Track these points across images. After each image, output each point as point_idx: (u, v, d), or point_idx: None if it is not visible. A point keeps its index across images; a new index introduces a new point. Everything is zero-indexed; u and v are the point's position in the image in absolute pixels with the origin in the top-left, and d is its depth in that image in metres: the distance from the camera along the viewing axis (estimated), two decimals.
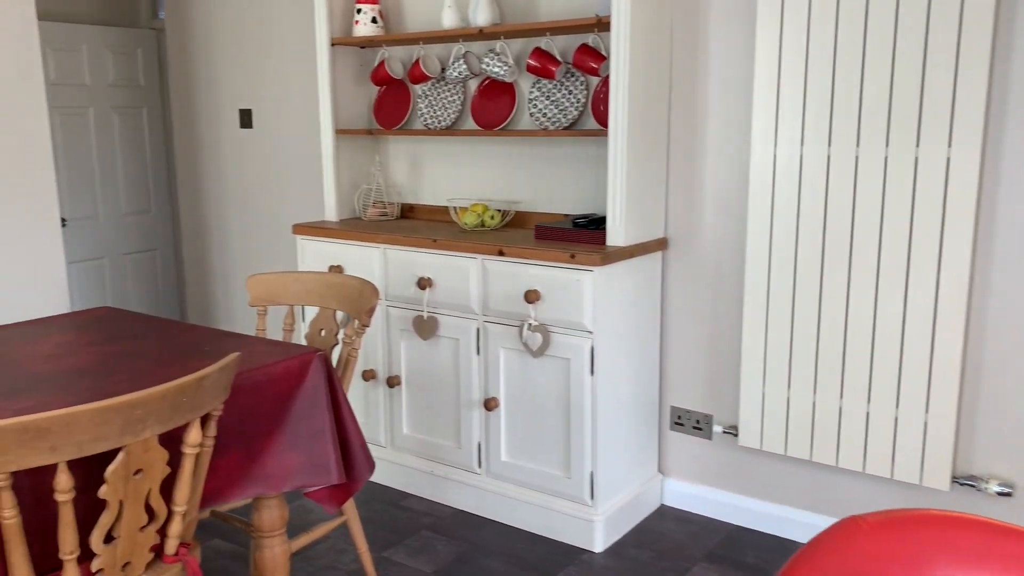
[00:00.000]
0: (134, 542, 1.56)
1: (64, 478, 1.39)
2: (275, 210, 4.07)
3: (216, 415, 1.66)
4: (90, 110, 4.37)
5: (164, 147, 4.74)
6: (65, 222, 4.30)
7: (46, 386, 1.71)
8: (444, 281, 2.88)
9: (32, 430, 1.33)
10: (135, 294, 4.68)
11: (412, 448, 3.10)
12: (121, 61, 4.48)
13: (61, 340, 2.06)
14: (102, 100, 4.41)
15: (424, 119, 3.31)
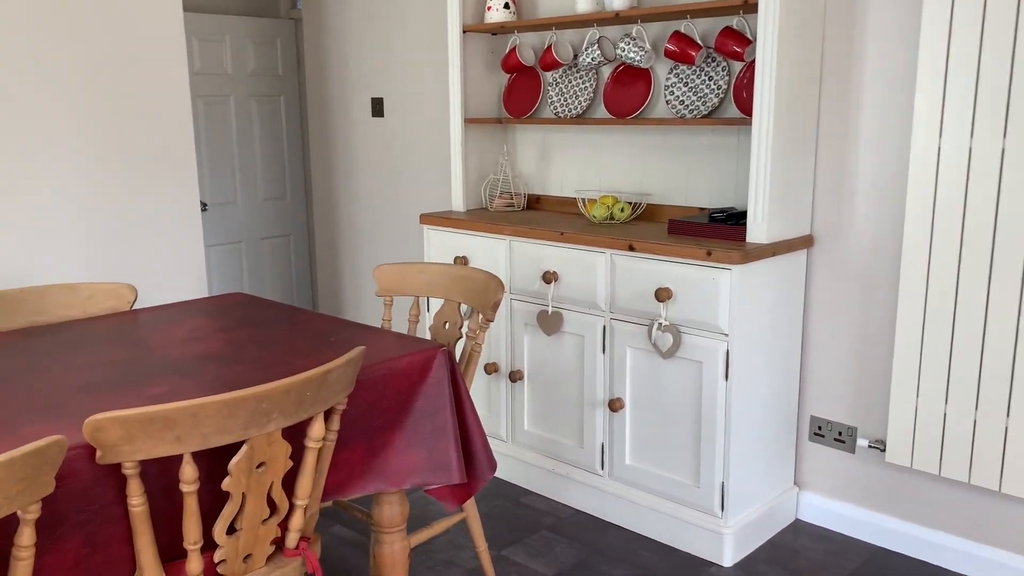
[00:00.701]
0: (255, 535, 1.55)
1: (189, 469, 1.39)
2: (403, 199, 4.08)
3: (340, 409, 1.63)
4: (231, 98, 4.51)
5: (300, 135, 4.85)
6: (206, 207, 4.46)
7: (177, 372, 1.72)
8: (570, 275, 2.78)
9: (159, 420, 1.33)
10: (270, 277, 4.82)
11: (533, 445, 3.03)
12: (261, 51, 4.60)
13: (195, 325, 2.09)
14: (242, 89, 4.55)
15: (554, 107, 3.22)
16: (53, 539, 1.33)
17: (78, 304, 2.26)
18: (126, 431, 1.32)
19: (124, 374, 1.71)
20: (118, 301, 2.29)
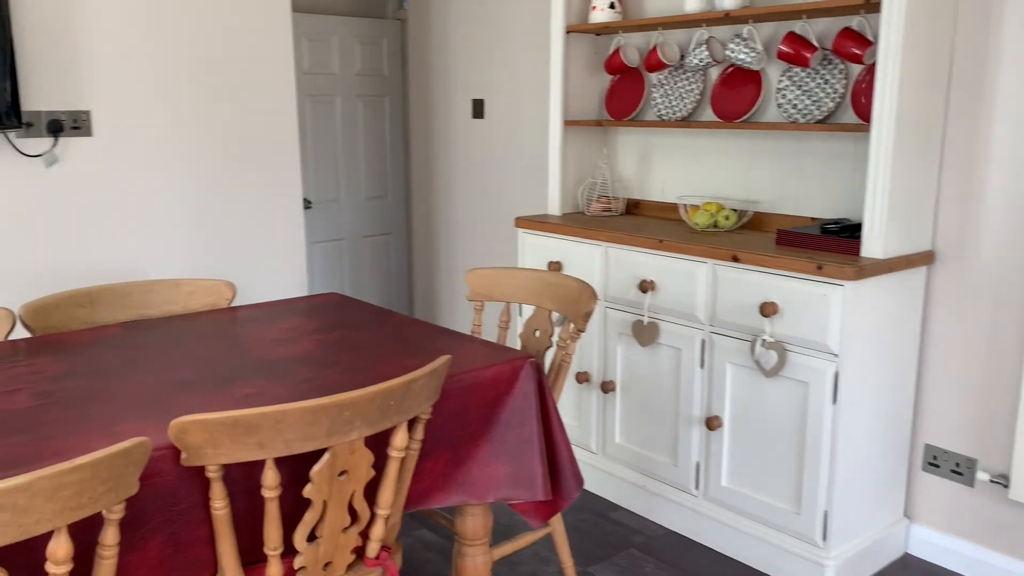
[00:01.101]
0: (336, 543, 1.53)
1: (271, 475, 1.38)
2: (500, 202, 4.05)
3: (424, 419, 1.60)
4: (337, 98, 4.58)
5: (402, 135, 4.89)
6: (310, 204, 4.55)
7: (266, 373, 1.72)
8: (669, 285, 2.68)
9: (243, 425, 1.32)
10: (370, 274, 4.88)
11: (624, 459, 2.94)
12: (368, 51, 4.66)
13: (288, 325, 2.10)
14: (349, 89, 4.62)
15: (658, 109, 3.11)
16: (138, 537, 1.35)
17: (180, 299, 2.32)
18: (210, 434, 1.31)
19: (216, 373, 1.73)
20: (217, 298, 2.34)
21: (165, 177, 3.05)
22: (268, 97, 3.26)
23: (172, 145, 3.05)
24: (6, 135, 2.71)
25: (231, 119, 3.18)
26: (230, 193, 3.21)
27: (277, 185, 3.34)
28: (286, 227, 3.38)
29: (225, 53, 3.13)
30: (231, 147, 3.19)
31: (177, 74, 3.02)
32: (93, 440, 1.38)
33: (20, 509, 1.07)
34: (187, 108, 3.07)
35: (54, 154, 2.80)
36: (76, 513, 1.14)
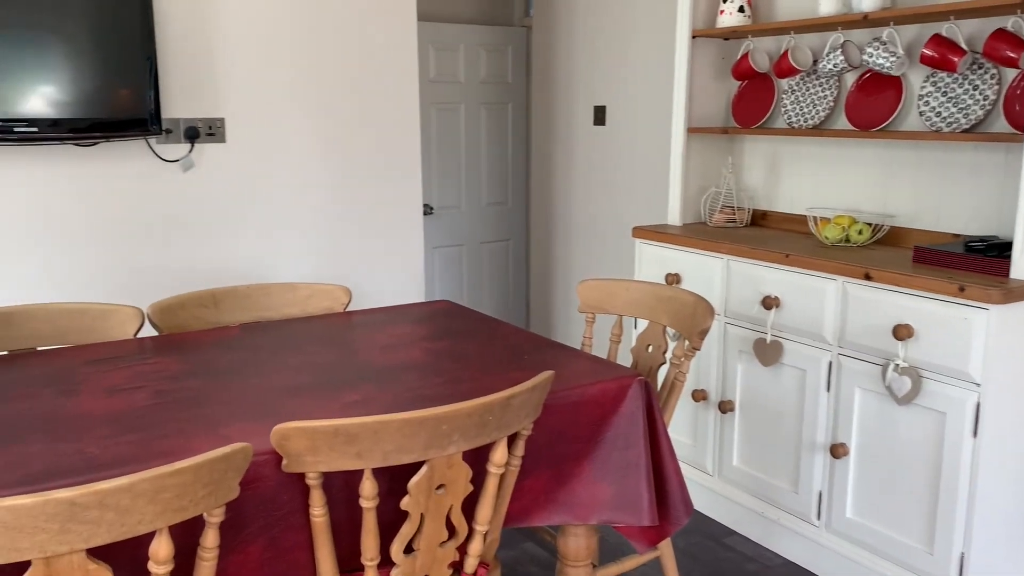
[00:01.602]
0: (433, 556, 1.51)
1: (369, 485, 1.37)
2: (618, 210, 3.98)
3: (525, 435, 1.56)
4: (461, 106, 4.62)
5: (524, 142, 4.89)
6: (432, 210, 4.61)
7: (373, 380, 1.73)
8: (794, 302, 2.54)
9: (343, 434, 1.32)
10: (488, 280, 4.90)
11: (741, 483, 2.81)
12: (493, 59, 4.68)
13: (398, 332, 2.11)
14: (473, 96, 4.65)
15: (788, 117, 2.96)
16: (239, 540, 1.37)
17: (298, 303, 2.37)
18: (311, 442, 1.32)
19: (326, 378, 1.75)
20: (333, 302, 2.38)
21: (290, 183, 3.15)
22: (393, 105, 3.32)
23: (298, 152, 3.14)
24: (148, 141, 2.86)
25: (356, 127, 3.25)
26: (352, 199, 3.29)
27: (398, 191, 3.39)
28: (405, 233, 3.43)
29: (352, 62, 3.20)
30: (354, 154, 3.26)
31: (306, 84, 3.12)
32: (198, 442, 1.42)
33: (123, 509, 1.10)
34: (313, 116, 3.15)
35: (190, 159, 2.94)
36: (177, 515, 1.16)
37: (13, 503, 1.03)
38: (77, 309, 2.09)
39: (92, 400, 1.61)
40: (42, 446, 1.39)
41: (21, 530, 1.05)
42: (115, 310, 2.11)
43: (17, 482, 1.26)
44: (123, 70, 2.66)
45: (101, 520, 1.09)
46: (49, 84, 2.55)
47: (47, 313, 2.07)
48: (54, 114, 2.57)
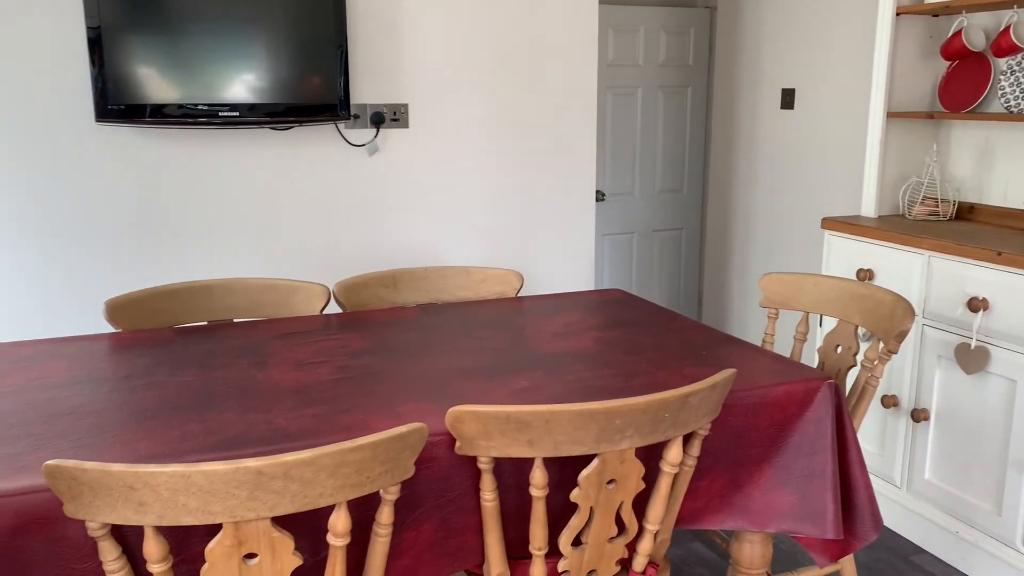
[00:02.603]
0: (601, 551, 1.47)
1: (539, 474, 1.35)
2: (805, 200, 3.76)
3: (702, 435, 1.49)
4: (639, 90, 4.53)
5: (703, 127, 4.73)
6: (604, 196, 4.56)
7: (543, 367, 1.71)
8: (1005, 305, 2.29)
9: (514, 421, 1.30)
10: (658, 270, 4.79)
11: (933, 498, 2.58)
12: (673, 41, 4.55)
13: (570, 319, 2.08)
14: (651, 80, 4.54)
15: (1006, 100, 2.68)
16: (412, 518, 1.39)
17: (472, 287, 2.40)
18: (483, 426, 1.31)
19: (498, 362, 1.75)
20: (505, 287, 2.39)
21: (468, 167, 3.19)
22: (570, 90, 3.29)
23: (476, 138, 3.18)
24: (337, 126, 2.98)
25: (532, 112, 3.24)
26: (526, 184, 3.29)
27: (572, 177, 3.36)
28: (578, 219, 3.40)
29: (532, 48, 3.19)
30: (531, 139, 3.26)
31: (486, 69, 3.14)
32: (376, 419, 1.45)
33: (306, 481, 1.14)
34: (493, 101, 3.18)
35: (375, 144, 3.04)
36: (356, 490, 1.19)
37: (209, 468, 1.09)
38: (269, 285, 2.21)
39: (281, 373, 1.69)
40: (235, 414, 1.47)
41: (214, 494, 1.11)
42: (304, 287, 2.21)
43: (212, 447, 1.34)
44: (316, 58, 2.78)
45: (285, 490, 1.13)
46: (249, 72, 2.71)
47: (244, 287, 2.20)
48: (253, 99, 2.73)
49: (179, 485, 1.09)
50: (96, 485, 1.10)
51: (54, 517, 1.19)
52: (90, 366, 1.72)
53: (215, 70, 2.67)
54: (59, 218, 2.72)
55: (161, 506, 1.11)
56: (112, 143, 2.74)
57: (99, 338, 1.92)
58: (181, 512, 1.11)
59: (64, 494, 1.12)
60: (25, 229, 2.69)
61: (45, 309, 2.76)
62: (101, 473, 1.09)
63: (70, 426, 1.41)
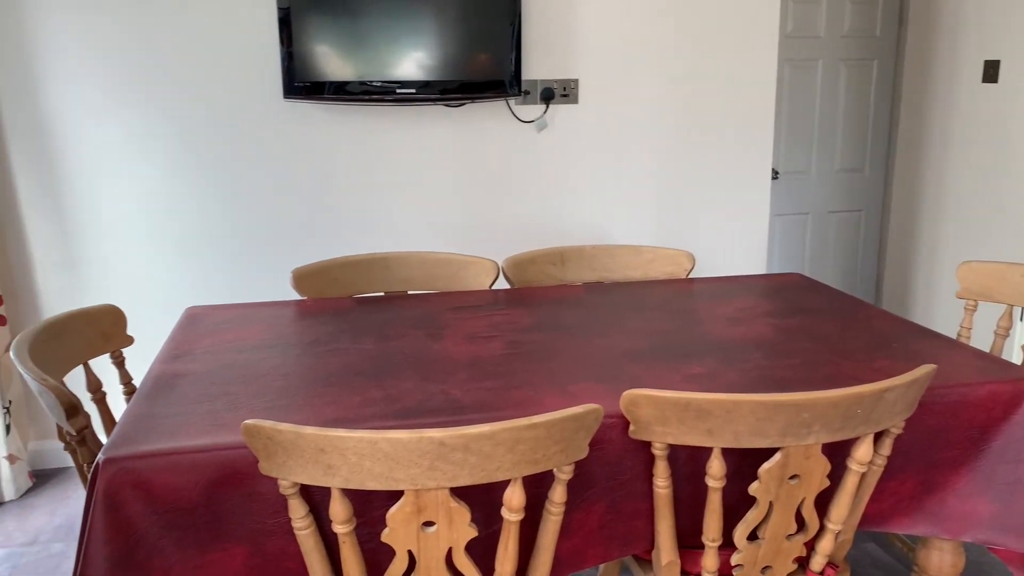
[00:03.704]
0: (778, 548, 1.41)
1: (717, 464, 1.30)
2: (1008, 183, 3.43)
3: (894, 433, 1.39)
4: (819, 62, 4.28)
5: (889, 102, 4.41)
6: (777, 175, 4.36)
7: (718, 354, 1.65)
8: None
9: (694, 409, 1.26)
10: (833, 255, 4.54)
11: None
12: (859, 11, 4.26)
13: (745, 304, 2.00)
14: (832, 52, 4.28)
15: None
16: (583, 499, 1.38)
17: (640, 266, 2.35)
18: (660, 412, 1.28)
19: (669, 346, 1.70)
20: (676, 268, 2.32)
21: (638, 144, 3.13)
22: (749, 63, 3.15)
23: (646, 113, 3.11)
24: (507, 102, 3.00)
25: (707, 87, 3.13)
26: (698, 161, 3.19)
27: (747, 155, 3.23)
28: (751, 199, 3.27)
29: (708, 22, 3.08)
30: (705, 115, 3.15)
31: (660, 43, 3.06)
32: (548, 396, 1.44)
33: (484, 455, 1.15)
34: (664, 77, 3.09)
35: (544, 120, 3.04)
36: (531, 467, 1.19)
37: (394, 436, 1.12)
38: (443, 259, 2.26)
39: (454, 345, 1.72)
40: (413, 384, 1.51)
41: (398, 461, 1.14)
42: (475, 262, 2.24)
43: (393, 415, 1.38)
44: (489, 35, 2.80)
45: (464, 462, 1.15)
46: (424, 50, 2.76)
47: (419, 261, 2.26)
48: (428, 77, 2.78)
49: (366, 451, 1.13)
50: (289, 446, 1.15)
51: (249, 473, 1.27)
52: (279, 331, 1.81)
53: (392, 48, 2.75)
54: (249, 189, 2.89)
55: (348, 470, 1.15)
56: (297, 119, 2.88)
57: (286, 304, 2.03)
58: (366, 477, 1.15)
59: (260, 452, 1.18)
60: (218, 200, 2.88)
61: (237, 275, 2.95)
62: (294, 435, 1.14)
63: (263, 387, 1.49)
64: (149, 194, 2.84)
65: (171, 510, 1.25)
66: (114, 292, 2.90)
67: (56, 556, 2.43)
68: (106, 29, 2.70)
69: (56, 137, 2.75)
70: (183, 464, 1.25)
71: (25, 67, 2.69)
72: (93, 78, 2.73)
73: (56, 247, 2.83)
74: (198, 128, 2.82)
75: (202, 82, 2.80)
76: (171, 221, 2.88)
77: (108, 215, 2.83)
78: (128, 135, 2.79)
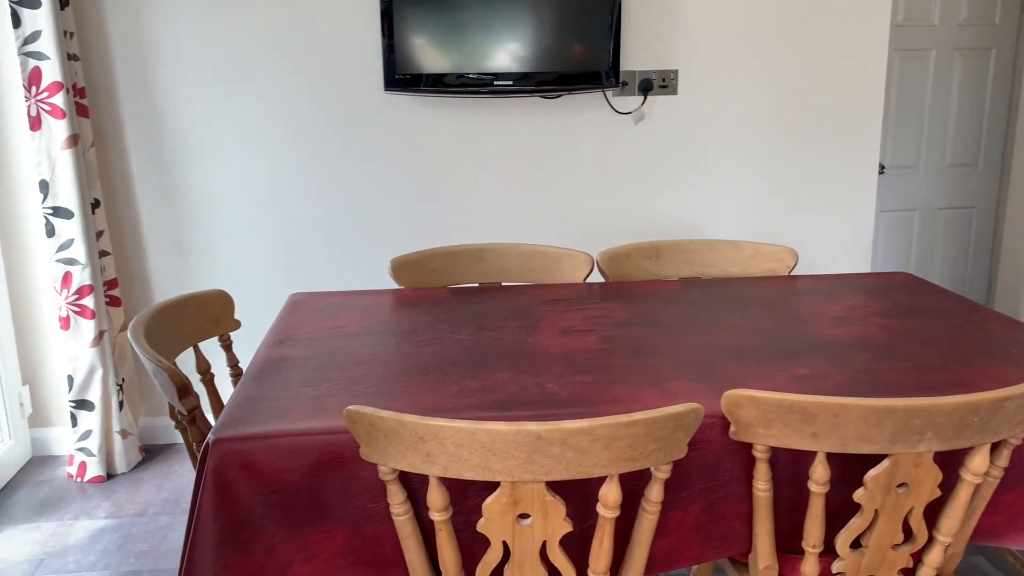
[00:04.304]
0: (882, 558, 1.36)
1: (821, 469, 1.26)
2: None
3: (1012, 444, 1.32)
4: (932, 52, 4.09)
5: (1008, 94, 4.18)
6: (883, 169, 4.19)
7: (823, 354, 1.60)
8: None
9: (798, 411, 1.22)
10: (941, 254, 4.34)
11: None
12: None
13: (851, 303, 1.93)
14: (946, 41, 4.08)
15: None
16: (680, 498, 1.36)
17: (740, 262, 2.30)
18: (762, 413, 1.25)
19: (771, 345, 1.66)
20: (777, 264, 2.26)
21: (737, 137, 3.06)
22: (857, 53, 3.03)
23: (747, 105, 3.03)
24: (604, 93, 2.97)
25: (813, 78, 3.03)
26: (801, 155, 3.09)
27: (852, 149, 3.11)
28: (856, 195, 3.15)
29: (816, 9, 2.98)
30: (809, 106, 3.06)
31: (764, 32, 2.98)
32: (645, 393, 1.43)
33: (581, 450, 1.14)
34: (770, 66, 3.01)
35: (641, 111, 3.00)
36: (628, 464, 1.18)
37: (492, 427, 1.12)
38: (538, 251, 2.26)
39: (549, 338, 1.72)
40: (508, 375, 1.52)
41: (495, 453, 1.14)
42: (569, 254, 2.24)
43: (489, 406, 1.38)
44: (587, 26, 2.78)
45: (561, 457, 1.15)
46: (521, 42, 2.76)
47: (514, 252, 2.26)
48: (525, 68, 2.78)
49: (464, 440, 1.14)
50: (390, 433, 1.17)
51: (350, 458, 1.30)
52: (379, 319, 1.85)
53: (489, 40, 2.76)
54: (350, 180, 2.96)
55: (446, 458, 1.16)
56: (397, 111, 2.92)
57: (385, 293, 2.07)
58: (464, 466, 1.16)
59: (361, 438, 1.20)
60: (321, 189, 2.96)
61: (338, 263, 3.03)
62: (395, 422, 1.16)
63: (364, 374, 1.53)
64: (256, 184, 2.94)
65: (275, 491, 1.29)
66: (220, 278, 3.02)
67: (163, 528, 2.55)
68: (217, 25, 2.80)
69: (169, 130, 2.87)
70: (287, 447, 1.29)
71: (143, 63, 2.82)
72: (204, 74, 2.84)
73: (167, 234, 2.96)
74: (303, 120, 2.90)
75: (308, 75, 2.87)
76: (276, 210, 2.97)
77: (217, 204, 2.95)
78: (237, 128, 2.89)
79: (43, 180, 2.66)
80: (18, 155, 2.81)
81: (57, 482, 2.85)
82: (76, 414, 2.84)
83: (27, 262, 2.90)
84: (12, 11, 2.53)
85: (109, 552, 2.42)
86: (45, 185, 2.66)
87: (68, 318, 2.76)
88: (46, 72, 2.57)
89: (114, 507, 2.69)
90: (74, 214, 2.67)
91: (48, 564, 2.37)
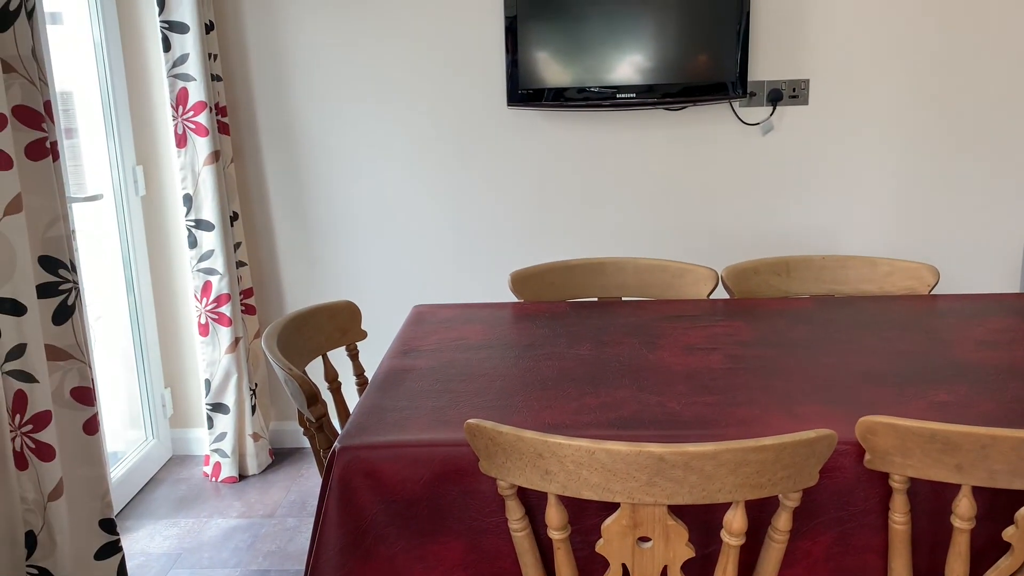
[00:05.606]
0: None
1: (966, 503, 1.18)
2: None
3: None
4: None
5: None
6: None
7: (967, 380, 1.49)
8: None
9: (940, 441, 1.15)
10: None
11: None
12: None
13: (1000, 326, 1.80)
14: None
15: None
16: (809, 527, 1.29)
17: (876, 279, 2.19)
18: (901, 442, 1.18)
19: (909, 369, 1.57)
20: (917, 283, 2.14)
21: (873, 149, 2.91)
22: (1012, 55, 2.84)
23: (887, 114, 2.89)
24: (731, 104, 2.90)
25: (959, 84, 2.86)
26: (945, 170, 2.92)
27: (1002, 162, 2.91)
28: (1006, 208, 2.94)
29: (966, 11, 2.81)
30: (954, 117, 2.88)
31: (904, 39, 2.83)
32: (773, 417, 1.37)
33: (706, 475, 1.11)
34: (911, 75, 2.86)
35: (770, 123, 2.91)
36: (755, 491, 1.13)
37: (612, 447, 1.10)
38: (659, 265, 2.22)
39: (671, 356, 1.68)
40: (629, 393, 1.49)
41: (615, 474, 1.12)
42: (692, 269, 2.19)
43: (609, 424, 1.36)
44: (713, 36, 2.72)
45: (684, 480, 1.11)
46: (645, 53, 2.73)
47: (634, 267, 2.23)
48: (648, 81, 2.75)
49: (583, 459, 1.13)
50: (509, 448, 1.17)
51: (470, 471, 1.30)
52: (499, 332, 1.86)
53: (612, 54, 2.74)
54: (474, 194, 3.00)
55: (565, 476, 1.15)
56: (519, 125, 2.94)
57: (505, 306, 2.08)
58: (583, 486, 1.15)
59: (481, 452, 1.21)
60: (445, 203, 3.02)
61: (459, 275, 3.07)
62: (515, 438, 1.16)
63: (483, 387, 1.54)
64: (382, 198, 3.03)
65: (397, 500, 1.31)
66: (346, 288, 3.12)
67: (290, 530, 2.65)
68: (348, 45, 2.91)
69: (302, 146, 3.00)
70: (409, 457, 1.31)
71: (278, 83, 2.95)
72: (335, 93, 2.95)
73: (298, 245, 3.09)
74: (429, 136, 2.97)
75: (433, 92, 2.93)
76: (401, 223, 3.04)
77: (345, 217, 3.05)
78: (365, 144, 2.99)
79: (187, 194, 2.82)
80: (167, 171, 3.00)
81: (194, 481, 3.01)
82: (212, 416, 2.99)
83: (172, 272, 3.08)
84: (163, 36, 2.71)
85: (240, 551, 2.53)
86: (189, 199, 2.82)
87: (207, 325, 2.91)
88: (192, 92, 2.74)
89: (245, 507, 2.81)
90: (214, 226, 2.83)
91: (184, 559, 2.50)
